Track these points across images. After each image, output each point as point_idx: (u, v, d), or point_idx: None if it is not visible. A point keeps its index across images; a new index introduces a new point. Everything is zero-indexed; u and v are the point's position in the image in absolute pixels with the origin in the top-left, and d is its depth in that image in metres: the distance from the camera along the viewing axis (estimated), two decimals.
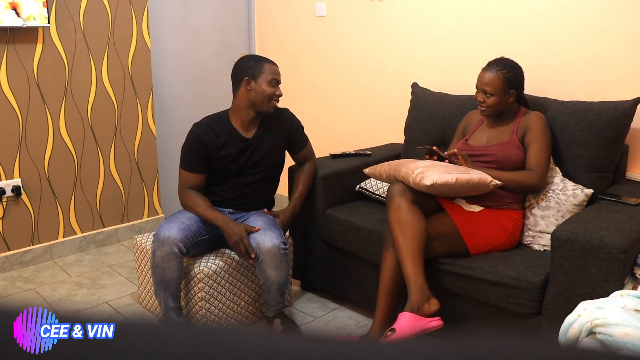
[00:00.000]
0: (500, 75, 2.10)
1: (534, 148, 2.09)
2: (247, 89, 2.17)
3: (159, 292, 2.09)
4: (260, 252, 2.06)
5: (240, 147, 2.20)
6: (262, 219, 2.18)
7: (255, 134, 2.23)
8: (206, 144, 2.16)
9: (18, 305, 0.27)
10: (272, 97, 2.17)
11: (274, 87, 2.17)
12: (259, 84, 2.15)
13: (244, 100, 2.19)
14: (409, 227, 1.92)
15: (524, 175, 2.08)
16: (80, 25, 2.91)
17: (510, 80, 2.11)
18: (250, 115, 2.21)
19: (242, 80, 2.17)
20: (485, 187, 2.00)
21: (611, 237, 1.63)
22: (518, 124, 2.15)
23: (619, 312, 1.28)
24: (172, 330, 0.26)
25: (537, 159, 2.08)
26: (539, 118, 2.13)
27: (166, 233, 2.04)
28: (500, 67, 2.12)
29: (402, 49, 2.99)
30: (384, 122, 3.14)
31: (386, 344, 0.25)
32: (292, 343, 0.25)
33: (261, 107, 2.18)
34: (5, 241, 2.84)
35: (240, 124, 2.22)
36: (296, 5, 3.50)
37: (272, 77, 2.17)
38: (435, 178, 1.91)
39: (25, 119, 2.81)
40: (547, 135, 2.11)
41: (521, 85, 2.16)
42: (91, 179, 3.10)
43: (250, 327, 2.35)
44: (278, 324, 2.24)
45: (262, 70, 2.16)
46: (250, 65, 2.18)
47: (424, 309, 1.83)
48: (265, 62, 2.19)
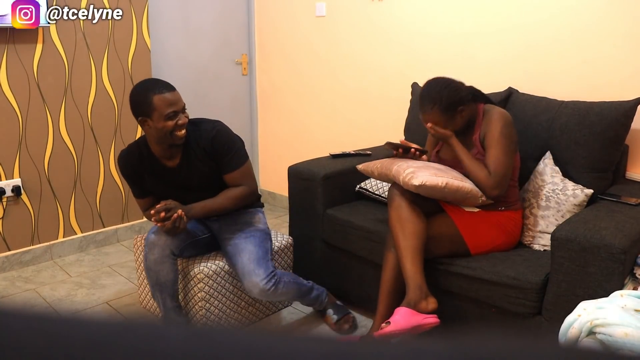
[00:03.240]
0: (437, 111, 1.98)
1: (491, 151, 1.96)
2: (147, 128, 1.93)
3: (156, 294, 2.08)
4: (252, 296, 2.06)
5: (165, 176, 2.05)
6: (249, 249, 2.04)
7: (179, 162, 2.02)
8: (129, 172, 2.06)
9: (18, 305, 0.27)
10: (173, 131, 1.90)
11: (173, 120, 1.88)
12: (155, 121, 1.88)
13: (150, 137, 1.97)
14: (408, 226, 1.92)
15: (483, 174, 1.95)
16: (80, 25, 2.91)
17: (449, 105, 1.97)
18: (163, 148, 1.98)
19: (138, 120, 1.93)
20: (475, 199, 1.97)
21: (611, 237, 1.63)
22: (480, 129, 2.03)
23: (619, 312, 1.28)
24: (172, 331, 0.26)
25: (494, 163, 1.94)
26: (496, 119, 1.97)
27: (155, 236, 2.00)
28: (431, 103, 1.99)
29: (402, 49, 2.99)
30: (384, 122, 3.14)
31: (385, 344, 0.25)
32: (292, 343, 0.25)
33: (167, 141, 1.93)
34: (5, 241, 2.84)
35: (160, 154, 2.01)
36: (296, 5, 3.50)
37: (166, 110, 1.86)
38: (425, 179, 1.88)
39: (25, 119, 2.81)
40: (506, 136, 1.95)
41: (462, 96, 2.00)
42: (91, 179, 3.10)
43: (250, 327, 2.35)
44: (331, 314, 2.27)
45: (153, 107, 1.87)
46: (140, 102, 1.90)
47: (421, 306, 1.82)
48: (154, 94, 1.87)
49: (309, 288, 2.20)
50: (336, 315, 2.27)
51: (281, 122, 3.79)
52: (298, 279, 2.16)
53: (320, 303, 2.27)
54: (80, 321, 0.26)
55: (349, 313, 2.31)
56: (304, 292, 2.18)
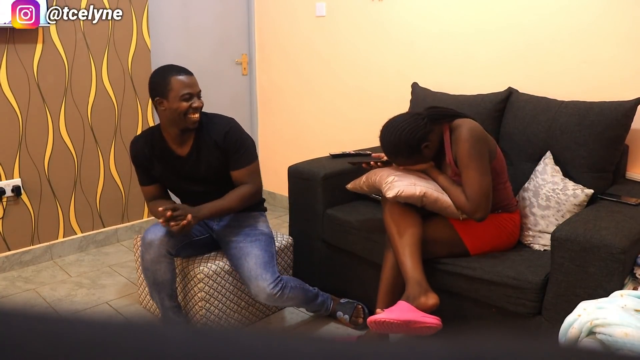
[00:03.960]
0: (402, 158, 1.98)
1: (464, 175, 1.92)
2: (161, 109, 1.99)
3: (154, 294, 2.08)
4: (258, 300, 2.06)
5: (174, 164, 2.08)
6: (255, 253, 2.04)
7: (190, 151, 2.06)
8: (140, 158, 2.10)
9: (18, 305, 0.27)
10: (187, 113, 1.96)
11: (188, 102, 1.95)
12: (171, 102, 1.95)
13: (164, 119, 2.02)
14: (402, 224, 1.93)
15: (462, 202, 1.92)
16: (80, 25, 2.91)
17: (411, 149, 1.94)
18: (176, 133, 2.03)
19: (155, 101, 2.00)
20: (454, 214, 1.97)
21: (611, 237, 1.63)
22: (451, 149, 1.98)
23: (619, 312, 1.28)
24: (172, 331, 0.26)
25: (469, 189, 1.90)
26: (463, 139, 1.91)
27: (151, 236, 2.00)
28: (393, 155, 1.99)
29: (402, 49, 2.99)
30: (384, 122, 3.14)
31: (385, 343, 0.25)
32: (292, 343, 0.25)
33: (180, 124, 1.98)
34: (5, 241, 2.84)
35: (172, 140, 2.06)
36: (296, 5, 3.50)
37: (183, 91, 1.95)
38: (400, 189, 1.88)
39: (25, 119, 2.81)
40: (476, 155, 1.89)
41: (421, 134, 1.93)
42: (91, 179, 3.10)
43: (250, 327, 2.35)
44: (341, 315, 2.28)
45: (169, 87, 1.95)
46: (158, 82, 1.98)
47: (420, 301, 1.80)
48: (172, 76, 1.96)
49: (314, 294, 2.21)
50: (347, 315, 2.28)
51: (281, 122, 3.79)
52: (304, 285, 2.16)
53: (326, 309, 2.28)
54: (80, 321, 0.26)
55: (356, 305, 2.30)
56: (310, 298, 2.18)
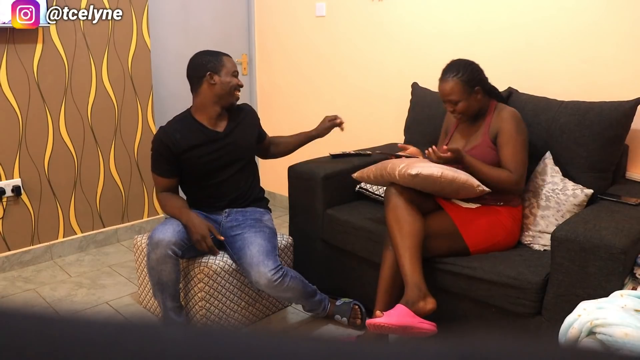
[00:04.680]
0: (458, 80, 2.06)
1: (508, 149, 2.04)
2: (210, 84, 2.16)
3: (157, 293, 2.10)
4: (259, 287, 2.06)
5: (214, 143, 2.19)
6: (258, 241, 2.10)
7: (226, 127, 2.23)
8: (171, 147, 2.13)
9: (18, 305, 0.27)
10: (236, 87, 2.20)
11: (236, 78, 2.21)
12: (223, 77, 2.17)
13: (209, 95, 2.18)
14: (405, 225, 1.93)
15: (504, 175, 2.02)
16: (80, 25, 2.91)
17: (470, 80, 2.07)
18: (217, 111, 2.20)
19: (204, 76, 2.16)
20: (472, 190, 1.98)
21: (611, 237, 1.63)
22: (490, 124, 2.11)
23: (619, 312, 1.28)
24: (172, 331, 0.26)
25: (513, 160, 2.02)
26: (509, 117, 2.07)
27: (160, 235, 2.03)
28: (454, 72, 2.08)
29: (402, 49, 2.99)
30: (384, 122, 3.15)
31: (385, 343, 0.25)
32: (292, 343, 0.25)
33: (227, 99, 2.19)
34: (5, 241, 2.84)
35: (208, 120, 2.20)
36: (296, 5, 3.50)
37: (233, 68, 2.21)
38: (420, 169, 1.92)
39: (25, 119, 2.81)
40: (521, 134, 2.05)
41: (482, 78, 2.12)
42: (91, 179, 3.10)
43: (250, 327, 2.36)
44: (339, 318, 2.29)
45: (222, 64, 2.19)
46: (210, 60, 2.19)
47: (418, 305, 1.82)
48: (222, 55, 2.22)
49: (313, 290, 2.22)
50: (345, 318, 2.28)
51: (281, 122, 3.79)
52: (304, 279, 2.18)
53: (323, 309, 2.28)
54: (80, 321, 0.26)
55: (353, 305, 2.31)
56: (309, 293, 2.19)
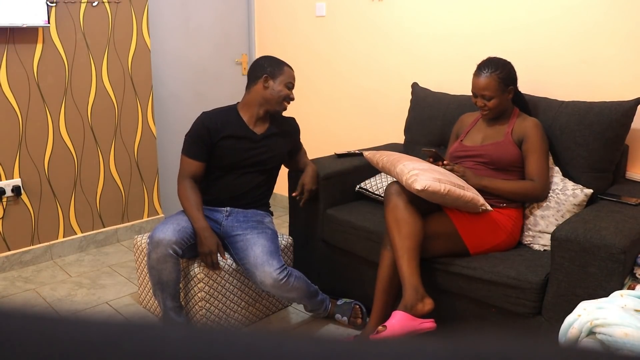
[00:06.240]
0: (495, 77, 2.10)
1: (534, 157, 2.09)
2: (264, 86, 2.21)
3: (157, 292, 2.10)
4: (264, 288, 2.06)
5: (248, 141, 2.22)
6: (261, 242, 2.11)
7: (265, 132, 2.26)
8: (211, 131, 2.17)
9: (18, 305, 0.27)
10: (285, 98, 2.24)
11: (289, 90, 2.24)
12: (277, 84, 2.21)
13: (258, 96, 2.22)
14: (405, 226, 1.92)
15: (529, 186, 2.07)
16: (80, 25, 2.91)
17: (506, 79, 2.12)
18: (259, 113, 2.24)
19: (260, 77, 2.21)
20: (475, 208, 1.98)
21: (611, 237, 1.63)
22: (513, 126, 2.15)
23: (619, 312, 1.28)
24: (172, 331, 0.26)
25: (538, 169, 2.08)
26: (535, 125, 2.12)
27: (160, 235, 2.04)
28: (492, 68, 2.12)
29: (402, 49, 2.99)
30: (384, 122, 3.14)
31: (382, 343, 0.25)
32: (292, 343, 0.25)
33: (274, 106, 2.23)
34: (5, 241, 2.84)
35: (249, 118, 2.24)
36: (296, 5, 3.50)
37: (289, 80, 2.25)
38: (427, 184, 1.87)
39: (25, 119, 2.81)
40: (545, 142, 2.11)
41: (516, 80, 2.16)
42: (91, 179, 3.10)
43: (250, 327, 2.36)
44: (340, 317, 2.30)
45: (281, 72, 2.23)
46: (271, 64, 2.24)
47: (417, 308, 1.83)
48: (285, 65, 2.27)
49: (315, 290, 2.23)
50: (345, 317, 2.29)
51: None
52: (307, 279, 2.18)
53: (325, 309, 2.29)
54: (80, 321, 0.26)
55: (354, 305, 2.31)
56: (312, 293, 2.19)
